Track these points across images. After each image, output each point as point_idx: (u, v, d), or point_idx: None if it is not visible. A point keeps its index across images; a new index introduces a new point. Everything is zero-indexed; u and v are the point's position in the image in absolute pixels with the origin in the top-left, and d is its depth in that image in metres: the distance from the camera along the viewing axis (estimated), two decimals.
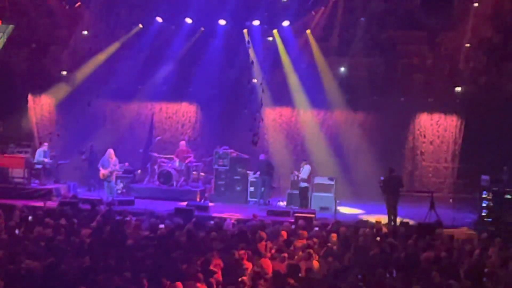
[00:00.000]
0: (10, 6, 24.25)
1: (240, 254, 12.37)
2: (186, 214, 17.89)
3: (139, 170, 24.31)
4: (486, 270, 12.10)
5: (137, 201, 20.99)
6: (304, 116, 26.43)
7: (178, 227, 15.04)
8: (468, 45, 23.98)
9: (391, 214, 19.53)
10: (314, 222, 18.35)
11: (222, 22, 25.08)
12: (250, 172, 22.99)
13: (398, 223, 18.73)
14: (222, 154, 23.01)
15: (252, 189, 22.87)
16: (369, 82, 25.29)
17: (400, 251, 13.36)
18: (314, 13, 24.89)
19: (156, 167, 23.30)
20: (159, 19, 25.21)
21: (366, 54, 25.20)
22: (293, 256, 12.99)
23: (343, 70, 25.83)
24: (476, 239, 15.39)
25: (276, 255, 12.82)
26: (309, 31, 25.24)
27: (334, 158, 25.20)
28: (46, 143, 22.87)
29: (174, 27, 25.71)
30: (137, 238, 13.95)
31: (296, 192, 21.85)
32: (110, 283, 10.27)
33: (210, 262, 11.69)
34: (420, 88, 25.13)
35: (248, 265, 12.06)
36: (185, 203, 20.47)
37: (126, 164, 23.67)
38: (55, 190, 21.61)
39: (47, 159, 22.51)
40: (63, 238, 13.38)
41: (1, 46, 24.35)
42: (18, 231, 14.11)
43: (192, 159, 23.37)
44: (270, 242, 14.06)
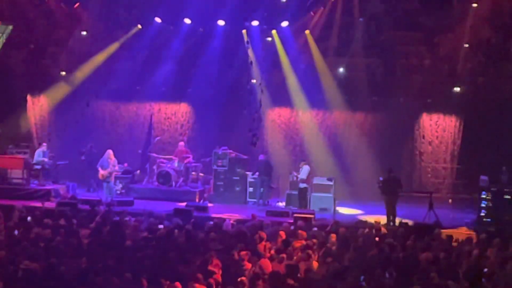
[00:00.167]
0: (9, 6, 24.26)
1: (240, 254, 12.37)
2: (185, 215, 17.89)
3: (138, 171, 24.29)
4: (485, 270, 12.09)
5: (136, 201, 20.96)
6: (303, 116, 26.43)
7: (177, 228, 15.03)
8: (466, 45, 24.00)
9: (390, 214, 19.55)
10: (313, 222, 18.34)
11: (221, 23, 25.06)
12: (249, 172, 22.98)
13: (397, 224, 18.73)
14: (221, 154, 23.00)
15: (251, 189, 22.85)
16: (368, 82, 25.28)
17: (399, 252, 13.36)
18: (313, 13, 24.90)
19: (155, 168, 23.29)
20: (158, 20, 25.20)
21: (365, 54, 25.20)
22: (292, 256, 12.99)
23: (342, 70, 25.83)
24: (475, 240, 15.39)
25: (275, 256, 12.82)
26: (308, 32, 25.23)
27: (333, 158, 25.21)
28: (45, 144, 22.87)
29: (173, 28, 25.70)
30: (136, 239, 13.94)
31: (295, 192, 21.86)
32: (109, 284, 10.27)
33: (209, 262, 11.69)
34: (419, 88, 25.11)
35: (247, 265, 12.06)
36: (184, 204, 20.45)
37: (125, 164, 23.67)
38: (54, 190, 21.57)
39: (46, 160, 22.51)
40: (62, 239, 13.37)
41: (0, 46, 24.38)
42: (17, 232, 14.10)
43: (191, 160, 23.37)
44: (269, 243, 14.07)
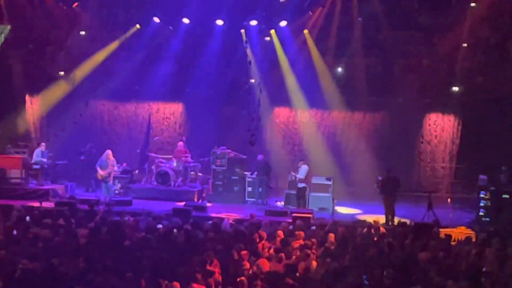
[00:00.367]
0: (7, 6, 24.22)
1: (241, 254, 12.36)
2: (184, 214, 17.87)
3: (137, 171, 24.29)
4: (484, 269, 12.09)
5: (134, 201, 20.95)
6: (301, 116, 26.45)
7: (175, 227, 15.02)
8: (465, 45, 24.00)
9: (389, 214, 19.56)
10: (312, 222, 18.34)
11: (220, 22, 25.06)
12: (247, 172, 22.96)
13: (396, 223, 18.73)
14: (219, 154, 23.00)
15: (250, 189, 22.85)
16: (366, 82, 25.29)
17: (398, 251, 13.36)
18: (311, 13, 24.89)
19: (153, 167, 23.28)
20: (157, 19, 25.19)
21: (363, 54, 25.19)
22: (291, 256, 12.99)
23: (341, 70, 25.85)
24: (474, 239, 15.39)
25: (273, 255, 12.81)
26: (306, 31, 25.23)
27: (331, 158, 25.22)
28: (43, 143, 22.87)
29: (171, 27, 25.70)
30: (134, 239, 13.92)
31: (293, 192, 21.86)
32: (107, 284, 10.26)
33: (208, 262, 11.68)
34: (417, 88, 25.12)
35: (247, 265, 12.05)
36: (183, 203, 20.45)
37: (124, 164, 23.67)
38: (53, 190, 21.57)
39: (45, 159, 22.50)
40: (61, 238, 13.35)
41: None
42: (15, 232, 14.08)
43: (189, 159, 23.37)
44: (268, 242, 14.06)
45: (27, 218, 15.68)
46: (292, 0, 24.07)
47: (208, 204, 21.35)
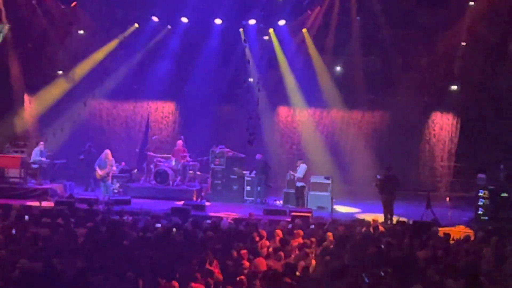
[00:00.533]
0: (6, 6, 24.22)
1: (239, 253, 12.35)
2: (182, 214, 17.86)
3: (136, 170, 24.28)
4: (483, 268, 12.09)
5: (133, 200, 20.92)
6: (300, 115, 26.47)
7: (174, 227, 15.00)
8: (463, 44, 24.01)
9: (388, 213, 19.55)
10: (311, 221, 18.33)
11: (218, 21, 25.07)
12: (246, 172, 22.94)
13: (394, 222, 18.73)
14: (218, 153, 22.99)
15: (248, 188, 22.84)
16: (365, 81, 25.30)
17: (396, 250, 13.35)
18: (310, 12, 24.89)
19: (152, 167, 23.26)
20: (155, 19, 25.20)
21: (362, 53, 25.24)
22: (289, 255, 12.98)
23: (339, 69, 25.87)
24: (472, 238, 15.40)
25: (272, 254, 12.80)
26: (305, 30, 25.25)
27: (330, 157, 25.24)
28: (42, 142, 22.81)
29: (170, 27, 25.69)
30: (133, 238, 13.91)
31: (292, 191, 21.84)
32: (106, 283, 10.25)
33: (206, 261, 11.67)
34: (416, 87, 25.12)
35: (246, 264, 12.04)
36: (181, 203, 20.44)
37: (122, 163, 23.68)
38: (51, 190, 21.54)
39: (44, 159, 22.48)
40: (60, 238, 13.34)
41: None
42: (14, 231, 14.06)
43: (188, 159, 23.36)
44: (267, 241, 14.05)
45: (26, 218, 15.66)
46: None
47: (207, 203, 21.34)
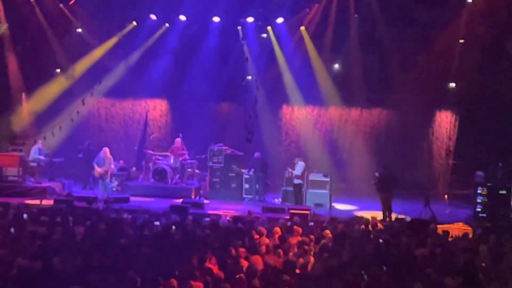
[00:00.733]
0: (4, 4, 24.22)
1: (238, 251, 12.35)
2: (181, 212, 17.85)
3: (134, 168, 24.29)
4: (481, 265, 12.10)
5: (132, 198, 20.95)
6: (298, 112, 26.49)
7: (173, 225, 15.00)
8: (462, 41, 24.02)
9: (386, 210, 19.59)
10: (309, 218, 18.34)
11: (216, 19, 25.07)
12: (244, 170, 22.93)
13: (393, 219, 18.75)
14: (216, 151, 22.98)
15: (247, 186, 22.83)
16: (363, 78, 25.29)
17: (395, 248, 13.36)
18: (308, 10, 24.89)
19: (150, 165, 23.26)
20: (153, 17, 25.19)
21: (360, 51, 25.20)
22: (288, 252, 12.98)
23: (337, 66, 25.86)
24: (471, 235, 15.42)
25: (271, 252, 12.80)
26: (303, 28, 25.26)
27: (328, 154, 25.26)
28: (40, 141, 22.80)
29: (168, 25, 25.68)
30: (131, 236, 13.90)
31: (291, 189, 21.86)
32: (104, 282, 10.24)
33: (206, 259, 11.66)
34: (414, 84, 25.13)
35: (243, 262, 12.03)
36: (180, 201, 20.44)
37: (121, 161, 23.70)
38: (50, 188, 21.55)
39: (42, 157, 22.47)
40: (58, 236, 13.33)
41: None
42: (13, 230, 14.05)
43: (186, 157, 23.36)
44: (266, 239, 14.05)
45: (25, 216, 15.65)
46: None
47: (205, 201, 21.33)
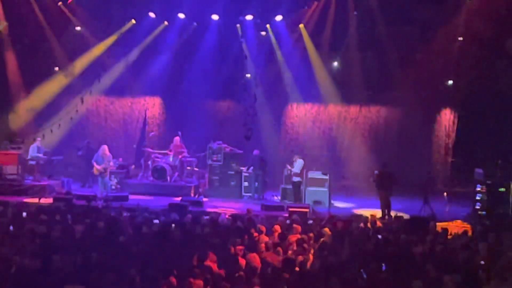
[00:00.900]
0: (3, 2, 24.20)
1: (237, 249, 12.35)
2: (180, 210, 17.86)
3: (133, 166, 24.28)
4: (481, 263, 12.11)
5: (131, 196, 20.94)
6: (297, 110, 26.47)
7: (172, 223, 15.01)
8: (460, 39, 24.01)
9: (385, 208, 19.60)
10: (308, 216, 18.35)
11: (215, 17, 25.06)
12: (243, 167, 22.90)
13: (392, 217, 18.74)
14: (216, 149, 22.98)
15: (246, 184, 22.83)
16: (362, 76, 25.27)
17: (394, 245, 13.37)
18: (307, 7, 24.88)
19: (150, 163, 23.24)
20: (152, 15, 25.18)
21: (359, 48, 25.17)
22: (287, 250, 12.98)
23: (336, 64, 25.85)
24: (470, 233, 15.42)
25: (271, 250, 12.80)
26: (302, 26, 25.24)
27: (327, 152, 25.25)
28: (39, 139, 22.77)
29: (167, 22, 25.66)
30: (131, 234, 13.90)
31: (290, 186, 21.86)
32: (104, 280, 10.24)
33: (205, 257, 11.66)
34: (412, 82, 25.11)
35: (242, 260, 12.04)
36: (179, 199, 20.44)
37: (120, 159, 23.67)
38: (49, 186, 21.54)
39: (41, 155, 22.45)
40: (57, 234, 13.33)
41: None
42: (12, 228, 14.05)
43: (186, 154, 23.34)
44: (265, 237, 14.06)
45: (24, 214, 15.65)
46: None
47: (204, 199, 21.35)
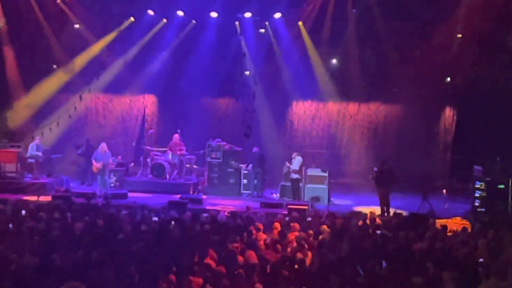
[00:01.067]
0: (1, 0, 24.18)
1: (235, 247, 12.35)
2: (179, 207, 17.86)
3: (132, 163, 24.28)
4: (480, 260, 12.11)
5: (130, 194, 20.94)
6: (296, 107, 26.46)
7: (171, 220, 15.00)
8: (460, 35, 23.99)
9: (384, 205, 19.61)
10: (307, 213, 18.35)
11: (214, 15, 25.04)
12: (242, 165, 22.89)
13: (391, 214, 18.75)
14: (215, 146, 22.95)
15: (245, 181, 22.82)
16: (361, 73, 25.27)
17: (393, 242, 13.37)
18: (306, 4, 24.86)
19: (149, 160, 23.22)
20: (151, 12, 25.16)
21: (358, 45, 25.16)
22: (286, 247, 12.98)
23: (335, 61, 25.84)
24: (469, 230, 15.42)
25: (270, 247, 12.81)
26: (301, 23, 25.23)
27: (326, 149, 25.26)
28: (38, 137, 22.78)
29: (166, 20, 25.64)
30: (130, 232, 13.90)
31: (289, 184, 21.86)
32: (103, 277, 10.24)
33: (204, 255, 11.66)
34: (412, 79, 25.10)
35: (240, 258, 12.04)
36: (178, 196, 20.43)
37: (119, 157, 23.66)
38: (48, 184, 21.53)
39: (40, 153, 22.44)
40: (57, 232, 13.33)
41: None
42: (11, 226, 14.05)
43: (185, 152, 23.33)
44: (264, 234, 14.06)
45: (23, 212, 15.65)
46: None
47: (203, 196, 21.33)
